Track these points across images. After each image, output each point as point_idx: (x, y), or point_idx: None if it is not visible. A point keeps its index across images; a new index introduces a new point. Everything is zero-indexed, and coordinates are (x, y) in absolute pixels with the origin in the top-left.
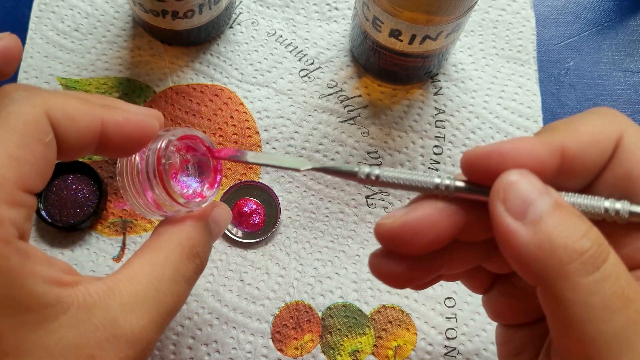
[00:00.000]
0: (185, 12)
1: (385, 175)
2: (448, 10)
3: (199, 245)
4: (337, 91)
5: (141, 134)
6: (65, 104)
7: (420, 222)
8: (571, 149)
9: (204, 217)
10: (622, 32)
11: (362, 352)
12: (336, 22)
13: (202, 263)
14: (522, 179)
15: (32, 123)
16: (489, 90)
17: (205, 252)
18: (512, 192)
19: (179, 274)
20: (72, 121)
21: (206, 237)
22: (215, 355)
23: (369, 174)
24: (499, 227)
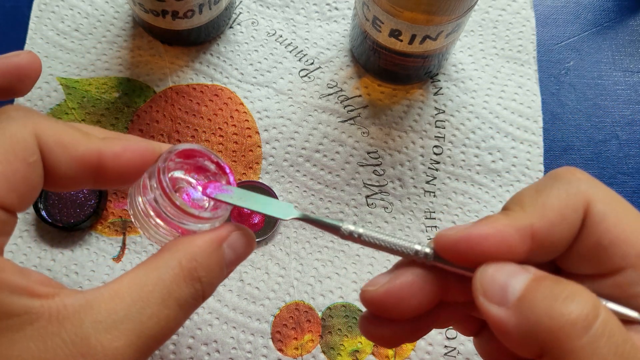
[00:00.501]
0: (185, 12)
1: (367, 235)
2: (448, 10)
3: (202, 269)
4: (337, 91)
5: (141, 160)
6: (59, 131)
7: (402, 290)
8: (540, 230)
9: (218, 239)
10: (622, 32)
11: (362, 352)
12: (336, 22)
13: (203, 290)
14: (496, 269)
15: (18, 142)
16: (489, 90)
17: (210, 278)
18: (489, 283)
19: (171, 297)
20: (64, 149)
21: (214, 262)
22: (215, 355)
23: (352, 232)
24: (487, 318)
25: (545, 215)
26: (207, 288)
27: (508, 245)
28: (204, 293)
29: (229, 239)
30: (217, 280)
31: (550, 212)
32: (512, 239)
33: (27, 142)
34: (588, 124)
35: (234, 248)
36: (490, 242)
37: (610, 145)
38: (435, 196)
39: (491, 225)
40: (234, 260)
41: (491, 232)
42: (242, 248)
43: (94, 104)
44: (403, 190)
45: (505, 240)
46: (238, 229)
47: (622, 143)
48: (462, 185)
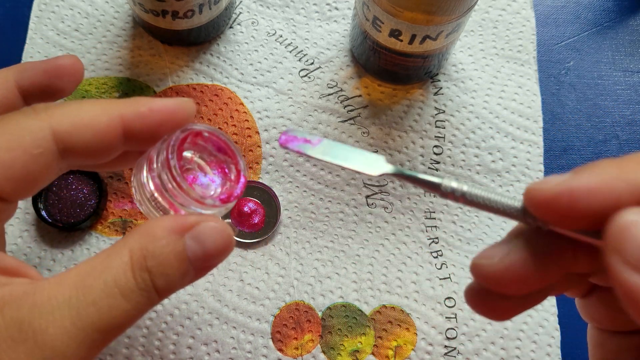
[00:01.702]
0: (185, 12)
1: (471, 193)
2: (448, 10)
3: (152, 259)
4: (337, 91)
5: (170, 119)
6: (78, 113)
7: (525, 264)
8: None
9: (178, 227)
10: (622, 32)
11: (362, 352)
12: (336, 22)
13: (154, 282)
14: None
15: (25, 133)
16: (489, 90)
17: (162, 270)
18: (629, 238)
19: (115, 285)
20: (86, 128)
21: (169, 252)
22: (215, 355)
23: (454, 190)
24: (617, 283)
25: None
26: (159, 281)
27: (618, 202)
28: (156, 286)
29: (194, 230)
30: (174, 273)
31: None
32: (625, 196)
33: (36, 134)
34: (588, 124)
35: (201, 242)
36: (598, 197)
37: (610, 145)
38: (435, 196)
39: (597, 176)
40: (201, 256)
41: (598, 185)
42: (212, 243)
43: None
44: (403, 190)
45: (615, 195)
46: (211, 221)
47: (622, 143)
48: None
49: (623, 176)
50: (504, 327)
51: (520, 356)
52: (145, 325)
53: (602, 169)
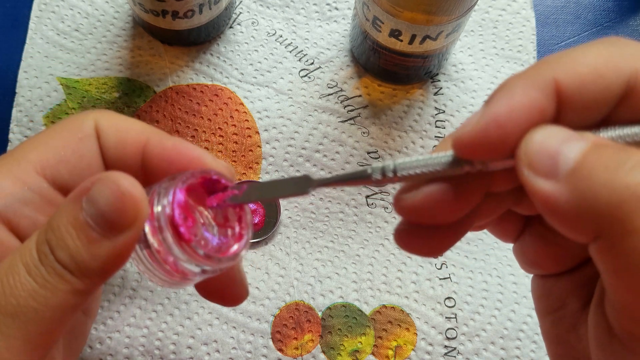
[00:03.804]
0: (185, 12)
1: (401, 165)
2: (448, 10)
3: (51, 231)
4: (337, 91)
5: (186, 165)
6: (118, 119)
7: (445, 192)
8: (568, 86)
9: (77, 192)
10: (622, 32)
11: (362, 352)
12: (336, 22)
13: (55, 255)
14: (545, 135)
15: (74, 124)
16: (489, 90)
17: (61, 240)
18: (536, 152)
19: (18, 264)
20: (117, 131)
21: (65, 219)
22: (215, 355)
23: (384, 170)
24: (533, 194)
25: (574, 70)
26: (60, 253)
27: (539, 111)
28: (59, 260)
29: (89, 193)
30: (74, 243)
31: (581, 66)
32: (540, 101)
33: (84, 124)
34: None
35: (93, 201)
36: (516, 118)
37: None
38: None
39: (508, 96)
40: (98, 216)
41: (512, 106)
42: (103, 200)
43: (94, 104)
44: None
45: (531, 106)
46: (106, 179)
47: None
48: None
49: (531, 81)
50: (504, 328)
51: (520, 356)
52: (145, 325)
53: (510, 86)
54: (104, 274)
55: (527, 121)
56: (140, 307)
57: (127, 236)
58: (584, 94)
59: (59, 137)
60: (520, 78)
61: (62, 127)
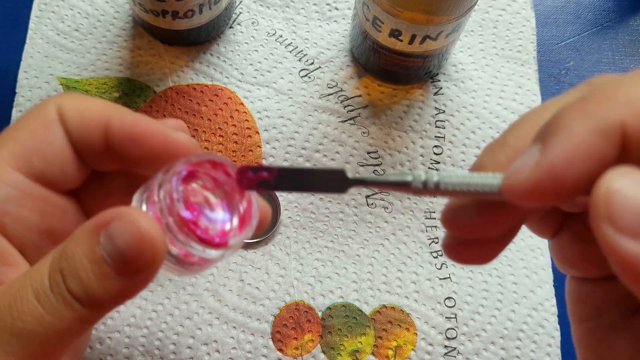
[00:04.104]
0: (185, 12)
1: (446, 181)
2: (448, 10)
3: (65, 259)
4: (337, 91)
5: (149, 141)
6: (77, 99)
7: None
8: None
9: (94, 225)
10: (622, 32)
11: (362, 352)
12: (336, 22)
13: (66, 284)
14: (628, 181)
15: (37, 112)
16: (489, 90)
17: (74, 271)
18: (618, 203)
19: (28, 289)
20: (79, 112)
21: (81, 251)
22: (215, 355)
23: (426, 182)
24: (613, 253)
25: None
26: (72, 284)
27: (601, 159)
28: (70, 290)
29: (108, 227)
30: (87, 276)
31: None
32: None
33: (46, 110)
34: None
35: (111, 238)
36: (576, 170)
37: None
38: (435, 196)
39: (567, 141)
40: (115, 254)
41: (571, 154)
42: (122, 241)
43: None
44: None
45: (594, 155)
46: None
47: None
48: None
49: (595, 126)
50: (504, 328)
51: (520, 356)
52: (145, 325)
53: (569, 128)
54: (112, 306)
55: (588, 171)
56: (140, 307)
57: (142, 276)
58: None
59: (26, 128)
60: (579, 116)
61: (28, 117)
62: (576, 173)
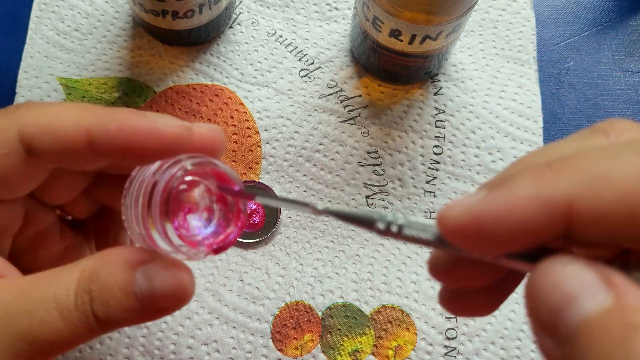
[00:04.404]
0: (185, 12)
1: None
2: (448, 10)
3: (96, 284)
4: (337, 91)
5: (141, 142)
6: (43, 115)
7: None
8: (585, 215)
9: (130, 260)
10: (622, 32)
11: (362, 352)
12: (336, 22)
13: (93, 307)
14: (546, 274)
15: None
16: (489, 90)
17: (104, 297)
18: (539, 299)
19: (53, 300)
20: (51, 133)
21: (115, 281)
22: (215, 355)
23: (390, 223)
24: (538, 343)
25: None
26: (99, 308)
27: (526, 231)
28: (95, 312)
29: (146, 266)
30: (116, 305)
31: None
32: (543, 223)
33: (3, 134)
34: (588, 124)
35: (149, 279)
36: (505, 224)
37: None
38: (435, 196)
39: (509, 196)
40: (148, 294)
41: (503, 209)
42: (160, 284)
43: (95, 104)
44: (403, 190)
45: (533, 224)
46: (168, 262)
47: None
48: (462, 185)
49: (539, 194)
50: (504, 328)
51: (520, 356)
52: (145, 325)
53: (515, 187)
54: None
55: (516, 234)
56: None
57: (160, 316)
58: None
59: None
60: (530, 180)
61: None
62: (502, 230)
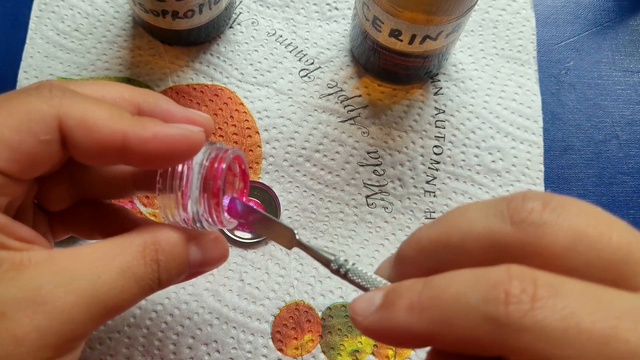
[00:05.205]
0: (185, 12)
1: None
2: (448, 10)
3: (162, 254)
4: (337, 91)
5: (173, 149)
6: (85, 111)
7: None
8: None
9: (186, 235)
10: (622, 32)
11: (362, 352)
12: (336, 22)
13: (159, 273)
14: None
15: (35, 118)
16: (489, 90)
17: (168, 266)
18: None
19: (129, 270)
20: (87, 130)
21: (176, 253)
22: (215, 355)
23: (340, 266)
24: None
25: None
26: (164, 275)
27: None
28: (160, 278)
29: (200, 239)
30: (175, 271)
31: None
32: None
33: (46, 120)
34: (588, 124)
35: (203, 249)
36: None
37: (610, 145)
38: (435, 196)
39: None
40: (199, 261)
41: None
42: (210, 253)
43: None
44: (403, 190)
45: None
46: (215, 237)
47: (622, 143)
48: (462, 185)
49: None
50: None
51: None
52: (145, 326)
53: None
54: None
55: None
56: (140, 307)
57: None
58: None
59: (16, 131)
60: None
61: (19, 116)
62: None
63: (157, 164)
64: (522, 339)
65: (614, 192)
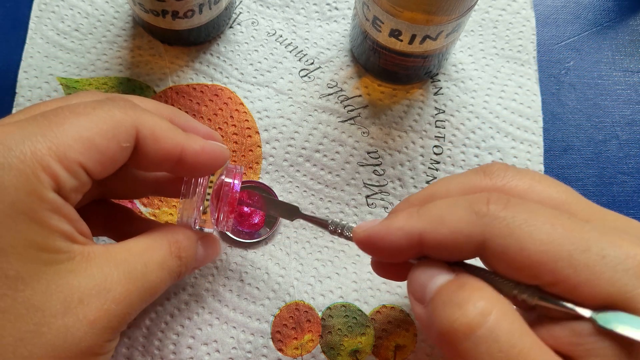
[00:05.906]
0: (185, 12)
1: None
2: (448, 10)
3: (183, 251)
4: (337, 91)
5: (214, 160)
6: (155, 125)
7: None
8: (429, 242)
9: (196, 235)
10: (622, 32)
11: (362, 352)
12: (336, 22)
13: (182, 267)
14: (421, 270)
15: (119, 127)
16: (489, 90)
17: (187, 260)
18: (413, 282)
19: (164, 262)
20: (156, 141)
21: (192, 249)
22: (215, 355)
23: (336, 226)
24: (414, 313)
25: (436, 231)
26: (184, 269)
27: (398, 248)
28: (181, 271)
29: (203, 241)
30: (191, 266)
31: (443, 228)
32: (404, 245)
33: (128, 130)
34: (588, 124)
35: (205, 248)
36: (385, 242)
37: (610, 145)
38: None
39: (389, 226)
40: (203, 257)
41: (384, 234)
42: (209, 251)
43: None
44: (403, 190)
45: (395, 243)
46: (213, 237)
47: (622, 143)
48: None
49: (404, 227)
50: None
51: None
52: (146, 326)
53: (394, 220)
54: None
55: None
56: None
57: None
58: (442, 251)
59: (104, 137)
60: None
61: (106, 125)
62: (383, 245)
63: (200, 173)
64: (500, 224)
65: (614, 192)
